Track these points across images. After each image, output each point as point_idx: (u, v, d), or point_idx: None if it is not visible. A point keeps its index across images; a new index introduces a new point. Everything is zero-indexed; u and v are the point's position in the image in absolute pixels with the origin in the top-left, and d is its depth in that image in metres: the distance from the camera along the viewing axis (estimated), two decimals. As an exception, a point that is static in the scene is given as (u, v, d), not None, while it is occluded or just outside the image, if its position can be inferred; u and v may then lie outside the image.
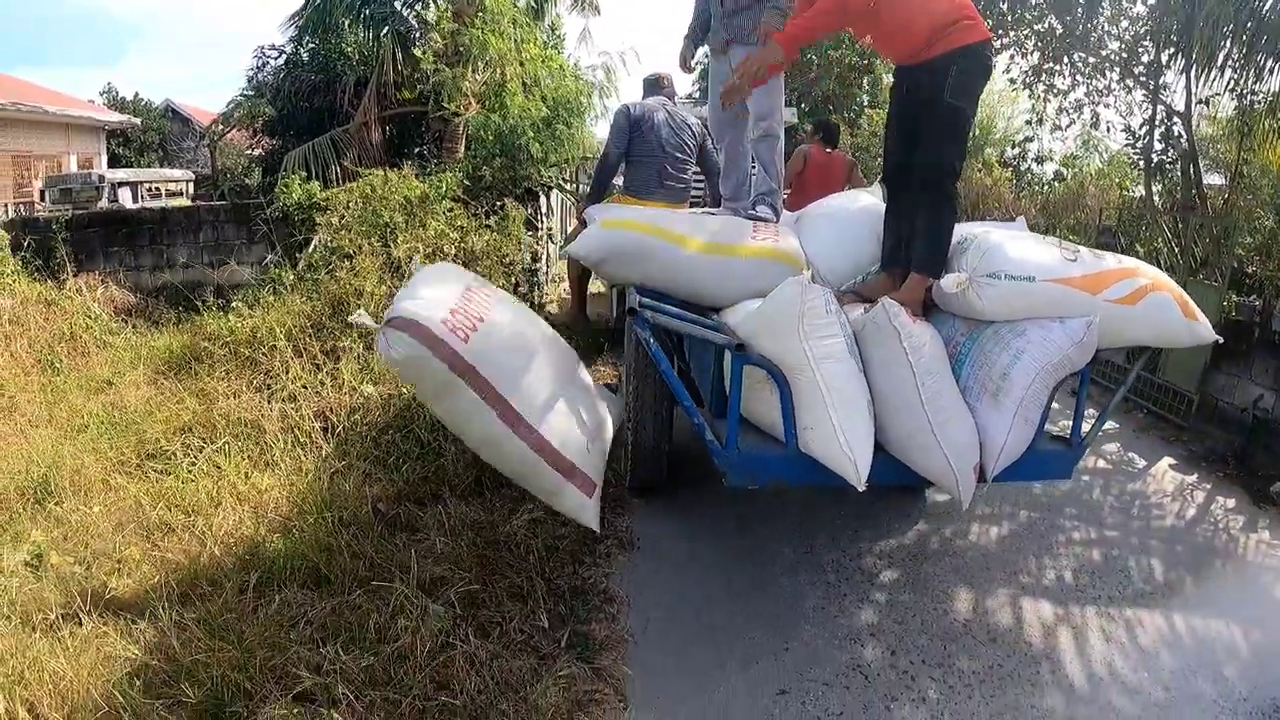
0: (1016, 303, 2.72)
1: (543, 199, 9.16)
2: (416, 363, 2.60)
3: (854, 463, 2.49)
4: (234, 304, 6.10)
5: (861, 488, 2.52)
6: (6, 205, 14.72)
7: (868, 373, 2.67)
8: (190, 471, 4.07)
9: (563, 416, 2.82)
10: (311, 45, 11.08)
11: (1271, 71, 6.17)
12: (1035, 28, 7.91)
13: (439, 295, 2.76)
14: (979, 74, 3.06)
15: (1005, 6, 7.76)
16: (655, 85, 5.26)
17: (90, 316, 7.23)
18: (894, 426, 2.67)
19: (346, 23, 9.99)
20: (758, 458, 2.76)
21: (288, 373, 4.96)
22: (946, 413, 2.59)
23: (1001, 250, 2.75)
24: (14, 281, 7.16)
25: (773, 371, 2.63)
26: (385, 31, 9.71)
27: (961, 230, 3.12)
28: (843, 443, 2.50)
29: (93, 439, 4.66)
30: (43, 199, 14.39)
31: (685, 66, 4.37)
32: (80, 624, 2.85)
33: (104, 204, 12.96)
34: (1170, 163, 7.55)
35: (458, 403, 2.66)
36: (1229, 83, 6.66)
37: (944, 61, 2.98)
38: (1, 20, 50.06)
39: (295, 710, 2.38)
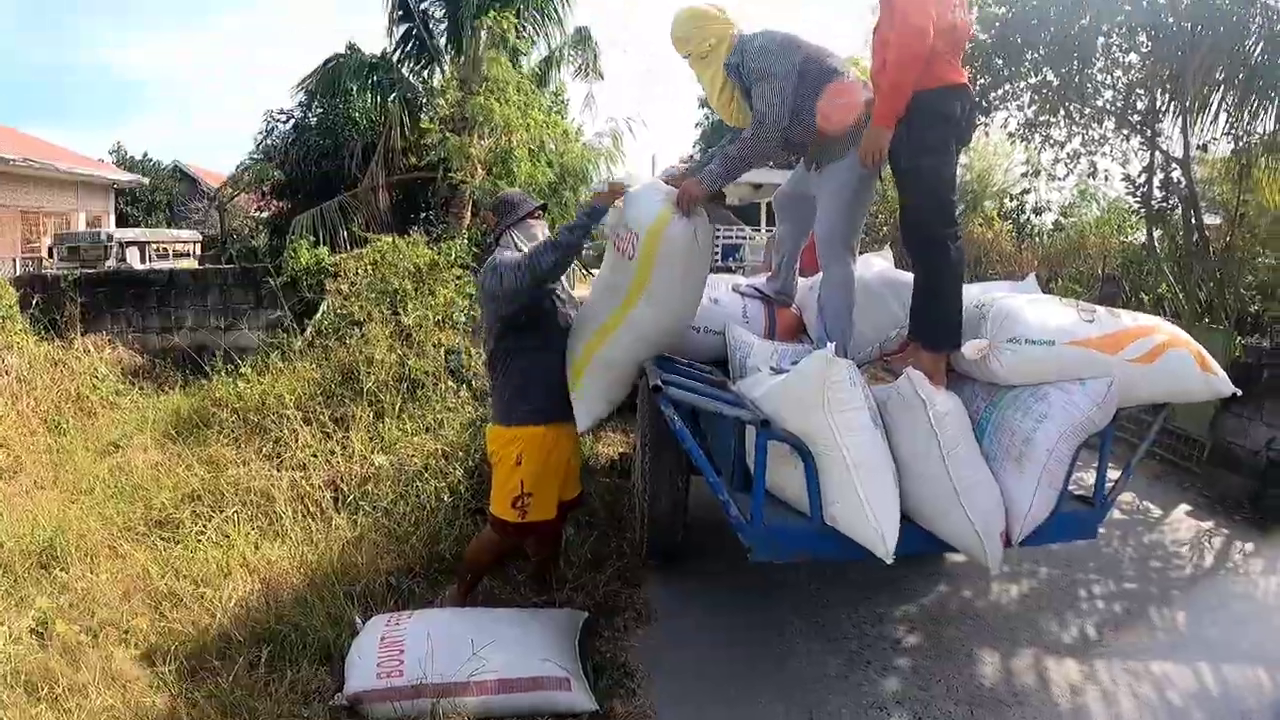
0: (1037, 367, 2.70)
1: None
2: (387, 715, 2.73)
3: (881, 535, 2.46)
4: (243, 369, 6.10)
5: (889, 560, 2.48)
6: (15, 261, 14.86)
7: (892, 442, 2.64)
8: (199, 540, 4.03)
9: (508, 656, 2.84)
10: (320, 110, 11.26)
11: (1267, 111, 6.28)
12: (1030, 80, 8.04)
13: (367, 647, 2.93)
14: (935, 121, 2.82)
15: (1001, 62, 7.90)
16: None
17: (98, 377, 7.23)
18: (919, 496, 2.63)
19: (355, 88, 10.15)
20: (783, 532, 2.71)
21: (297, 440, 4.94)
22: (971, 480, 2.56)
23: (1020, 315, 2.73)
24: (22, 339, 7.18)
25: (797, 446, 2.60)
26: (393, 98, 9.87)
27: (977, 295, 3.09)
28: (870, 516, 2.47)
29: (99, 503, 4.63)
30: (51, 256, 14.50)
31: None
32: (87, 696, 2.80)
33: (112, 263, 13.07)
34: (1171, 209, 7.60)
35: (419, 708, 2.71)
36: (1225, 126, 6.77)
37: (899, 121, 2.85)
38: (13, 74, 51.36)
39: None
